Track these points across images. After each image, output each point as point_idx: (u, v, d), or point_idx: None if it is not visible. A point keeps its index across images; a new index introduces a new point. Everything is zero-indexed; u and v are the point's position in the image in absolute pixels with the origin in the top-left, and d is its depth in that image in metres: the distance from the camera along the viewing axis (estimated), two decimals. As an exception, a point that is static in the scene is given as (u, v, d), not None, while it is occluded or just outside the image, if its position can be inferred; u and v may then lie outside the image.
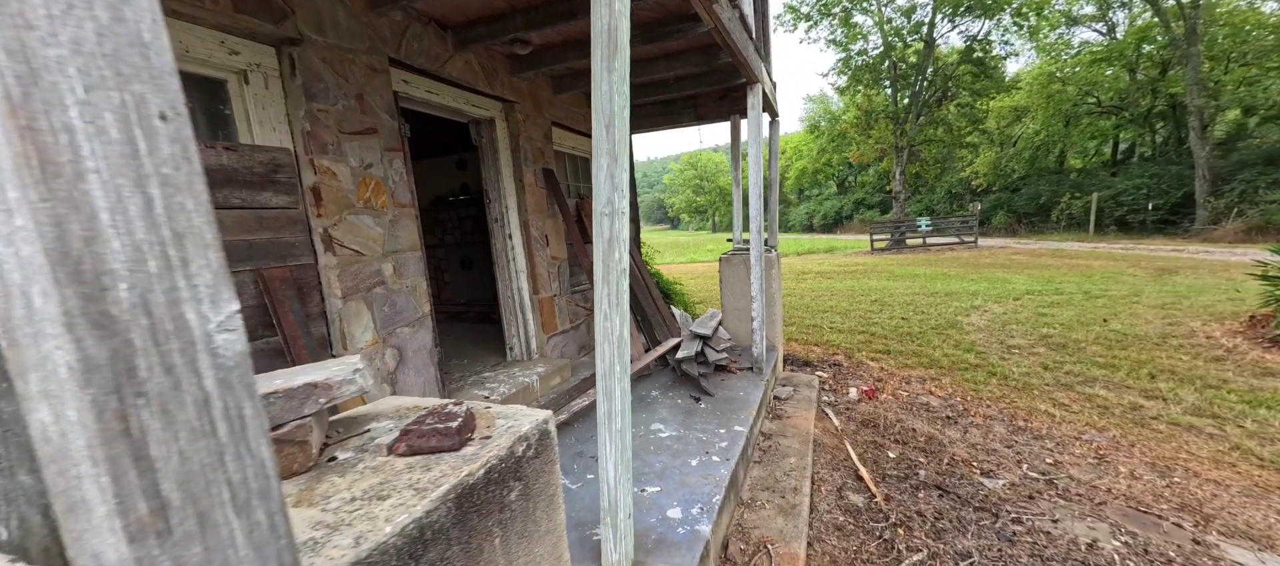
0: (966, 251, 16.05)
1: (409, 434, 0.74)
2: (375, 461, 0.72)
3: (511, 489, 0.75)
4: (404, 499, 0.60)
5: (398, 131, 2.84)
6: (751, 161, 3.68)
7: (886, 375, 4.79)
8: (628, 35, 1.50)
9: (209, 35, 2.05)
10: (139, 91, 0.42)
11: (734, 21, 2.88)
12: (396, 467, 0.70)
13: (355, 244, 2.52)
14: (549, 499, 0.86)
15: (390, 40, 2.80)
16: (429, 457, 0.72)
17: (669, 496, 2.21)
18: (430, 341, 2.93)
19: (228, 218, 2.07)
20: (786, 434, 3.24)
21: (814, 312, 7.78)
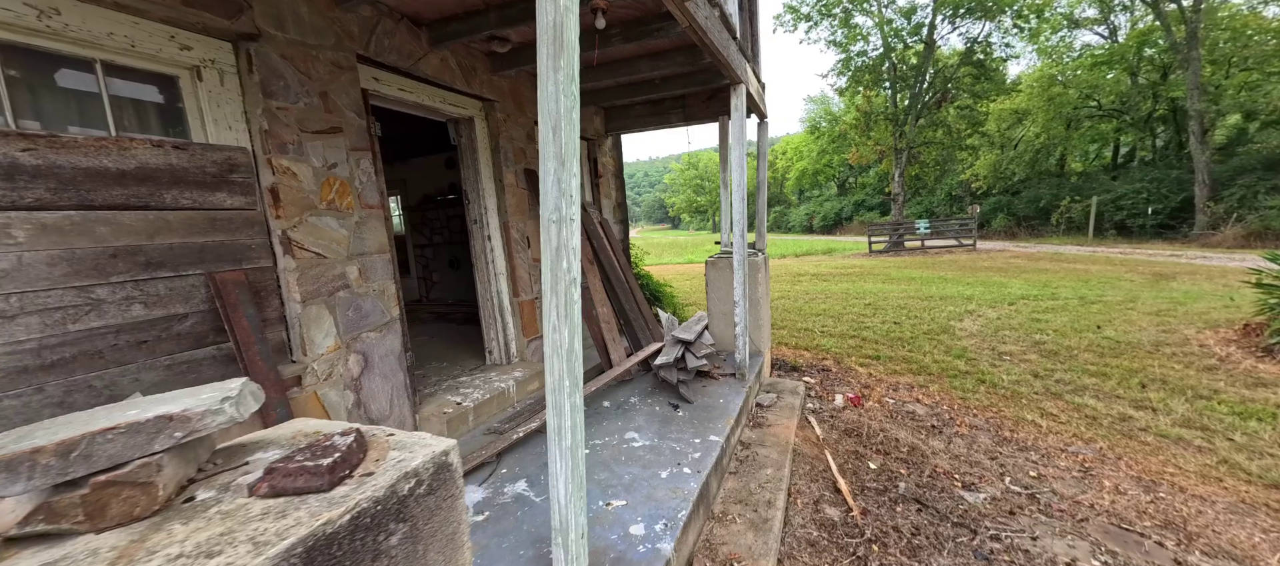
0: (965, 254, 15.96)
1: (274, 471, 0.67)
2: (232, 504, 0.65)
3: (392, 532, 0.68)
4: (235, 556, 0.53)
5: (366, 130, 2.77)
6: (734, 164, 3.61)
7: (874, 381, 4.72)
8: (576, 33, 1.42)
9: (157, 29, 1.98)
10: None
11: (713, 20, 2.81)
12: (251, 512, 0.63)
13: (317, 246, 2.45)
14: (447, 539, 0.79)
15: (358, 37, 2.73)
16: (293, 500, 0.65)
17: (634, 511, 2.14)
18: (399, 346, 2.86)
19: (176, 219, 2.00)
20: (766, 443, 3.17)
21: (806, 316, 7.71)
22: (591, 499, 2.26)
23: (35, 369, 1.65)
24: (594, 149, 5.37)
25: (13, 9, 1.65)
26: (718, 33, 2.91)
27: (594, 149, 5.37)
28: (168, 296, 1.98)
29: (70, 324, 1.73)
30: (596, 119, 5.39)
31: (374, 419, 2.69)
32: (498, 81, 3.83)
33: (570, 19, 1.39)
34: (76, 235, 1.75)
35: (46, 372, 1.67)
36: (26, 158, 1.64)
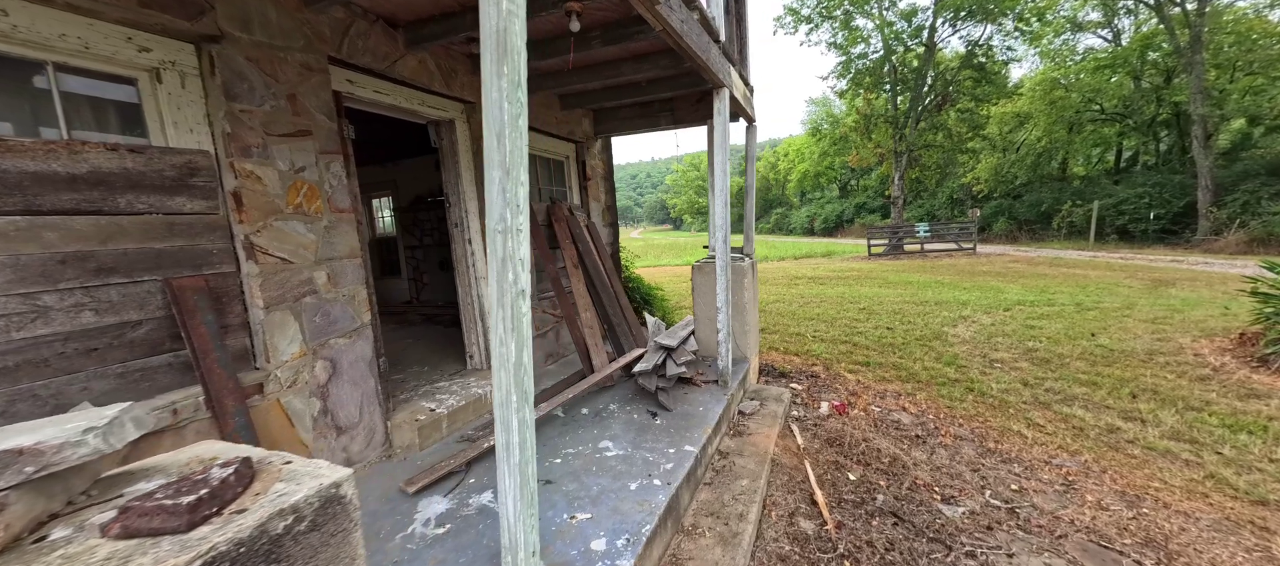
0: (964, 258, 15.87)
1: (129, 510, 0.62)
2: (80, 546, 0.61)
3: None
4: None
5: (338, 133, 2.73)
6: (716, 167, 3.56)
7: (862, 389, 4.66)
8: (522, 38, 1.38)
9: (112, 31, 1.95)
10: None
11: (690, 23, 2.76)
12: (94, 557, 0.59)
13: (282, 251, 2.41)
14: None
15: (330, 38, 2.69)
16: (145, 542, 0.61)
17: (598, 525, 2.09)
18: (370, 352, 2.82)
19: (131, 224, 1.97)
20: (744, 452, 3.12)
21: (799, 320, 7.65)
22: (557, 511, 2.21)
23: (-24, 378, 1.62)
24: (582, 151, 5.33)
25: (-44, 10, 1.62)
26: (696, 36, 2.86)
27: (582, 151, 5.33)
28: (121, 303, 1.94)
29: (14, 331, 1.69)
30: (584, 121, 5.35)
31: (342, 427, 2.65)
32: (480, 83, 3.79)
33: (514, 23, 1.35)
34: (22, 241, 1.71)
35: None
36: (-31, 162, 1.61)
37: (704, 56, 2.97)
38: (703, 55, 2.95)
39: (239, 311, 2.31)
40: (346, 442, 2.67)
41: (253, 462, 0.79)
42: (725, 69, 3.49)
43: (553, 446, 2.85)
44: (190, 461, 0.81)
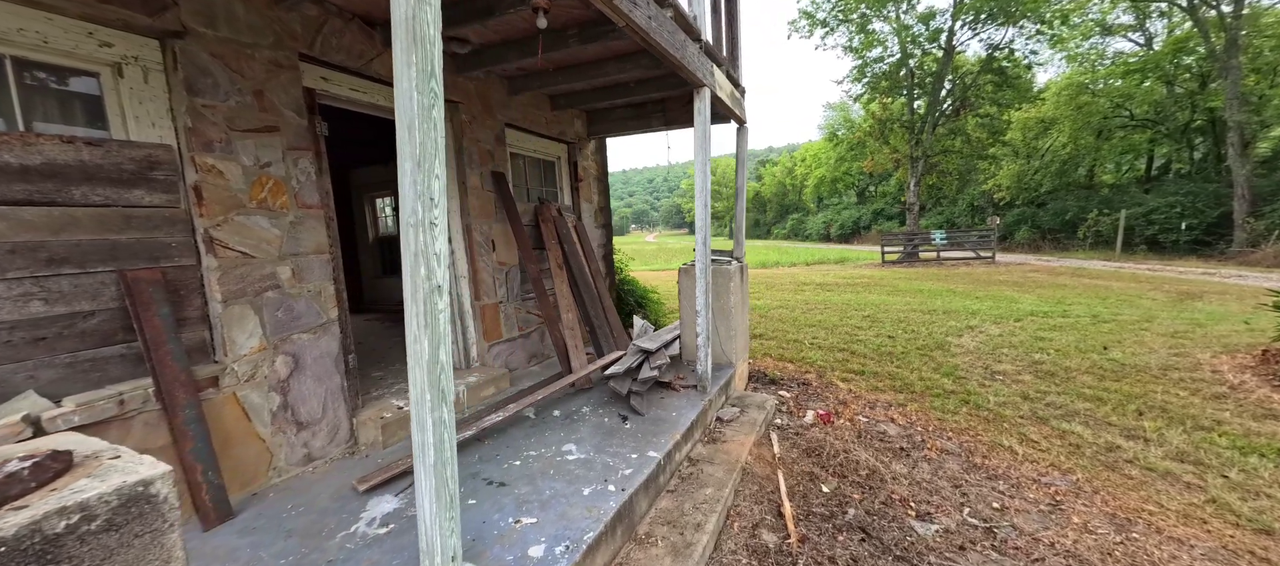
0: (982, 267, 15.41)
1: None
2: None
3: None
4: None
5: (309, 130, 2.75)
6: (697, 169, 3.49)
7: (852, 398, 4.52)
8: (434, 27, 1.34)
9: (72, 26, 1.98)
10: None
11: (660, 21, 2.71)
12: None
13: (244, 245, 2.42)
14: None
15: (302, 36, 2.71)
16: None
17: (541, 531, 2.04)
18: (336, 348, 2.83)
19: (85, 216, 1.99)
20: (715, 460, 3.04)
21: (800, 327, 7.49)
22: (505, 514, 2.17)
23: (-83, 363, 1.65)
24: (574, 152, 5.31)
25: (-90, 4, 1.66)
26: (668, 34, 2.80)
27: (574, 152, 5.31)
28: (72, 293, 1.96)
29: (-40, 318, 1.72)
30: (577, 122, 5.33)
31: (303, 422, 2.65)
32: (463, 83, 3.80)
33: (425, 11, 1.31)
34: (-29, 230, 1.74)
35: (-70, 367, 1.67)
36: (-82, 151, 1.64)
37: (678, 55, 2.91)
38: (677, 54, 2.89)
39: (198, 304, 2.33)
40: (308, 438, 2.67)
41: (72, 456, 0.77)
42: (707, 68, 3.42)
43: (516, 447, 2.81)
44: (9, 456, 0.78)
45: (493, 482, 2.43)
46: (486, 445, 2.86)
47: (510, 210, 4.12)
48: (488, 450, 2.79)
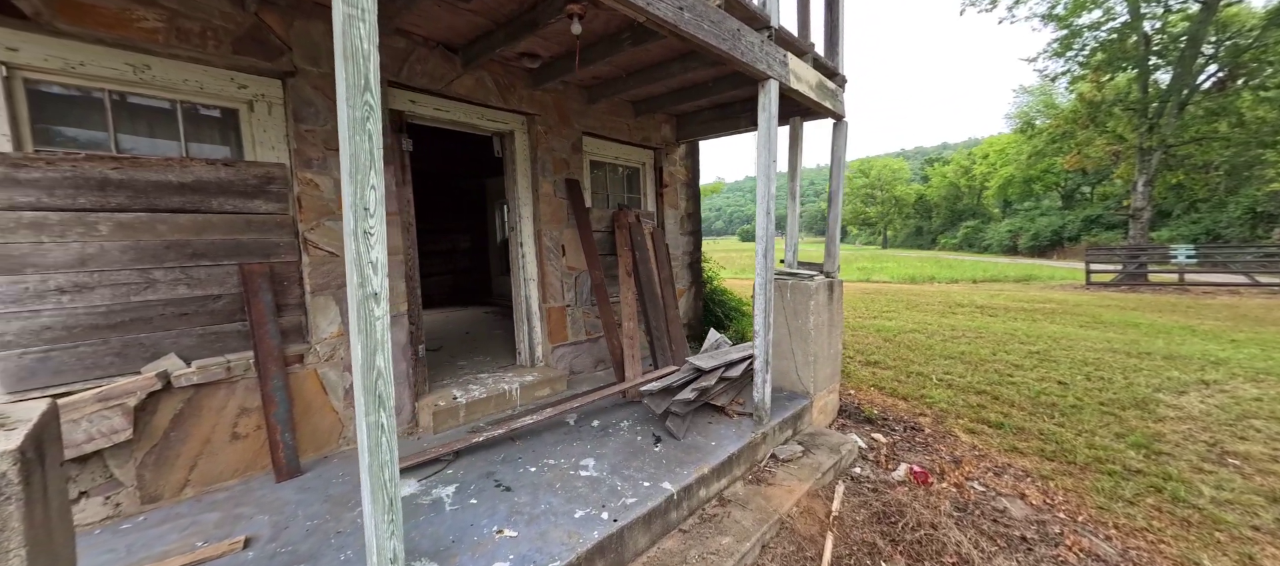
0: (1256, 298, 11.06)
1: None
2: None
3: None
4: None
5: (393, 148, 3.15)
6: (759, 173, 3.10)
7: (972, 457, 3.57)
8: (370, 42, 1.38)
9: (221, 74, 2.57)
10: None
11: (698, 11, 2.46)
12: None
13: (330, 246, 2.87)
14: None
15: (390, 66, 3.12)
16: None
17: (514, 547, 1.99)
18: (404, 338, 3.19)
19: (219, 220, 2.56)
20: (750, 504, 2.65)
21: (933, 357, 6.25)
22: (494, 521, 2.18)
23: (104, 327, 2.29)
24: (660, 158, 5.21)
25: (117, 67, 2.32)
26: (709, 24, 2.54)
27: (660, 158, 5.21)
28: (206, 280, 2.54)
29: (132, 296, 2.35)
30: (664, 127, 5.23)
31: (370, 400, 3.04)
32: (540, 96, 3.99)
33: (357, 27, 1.36)
34: (143, 230, 2.36)
35: (112, 331, 2.30)
36: (114, 173, 2.28)
37: (724, 47, 2.62)
38: (722, 46, 2.60)
39: (296, 294, 2.83)
40: (373, 415, 3.05)
41: (-22, 422, 0.95)
42: (775, 58, 3.03)
43: (539, 453, 2.83)
44: None
45: (500, 486, 2.47)
46: (516, 446, 2.93)
47: (580, 217, 4.20)
48: (515, 451, 2.86)
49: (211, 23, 2.47)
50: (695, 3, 2.45)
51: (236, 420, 2.56)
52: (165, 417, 2.38)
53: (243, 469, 2.59)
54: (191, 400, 2.44)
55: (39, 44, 2.14)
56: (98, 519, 2.21)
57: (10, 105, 2.13)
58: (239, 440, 2.57)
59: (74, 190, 2.20)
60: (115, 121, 2.39)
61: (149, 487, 2.33)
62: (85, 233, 2.23)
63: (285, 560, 1.93)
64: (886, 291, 13.97)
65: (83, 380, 2.23)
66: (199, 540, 2.06)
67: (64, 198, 2.18)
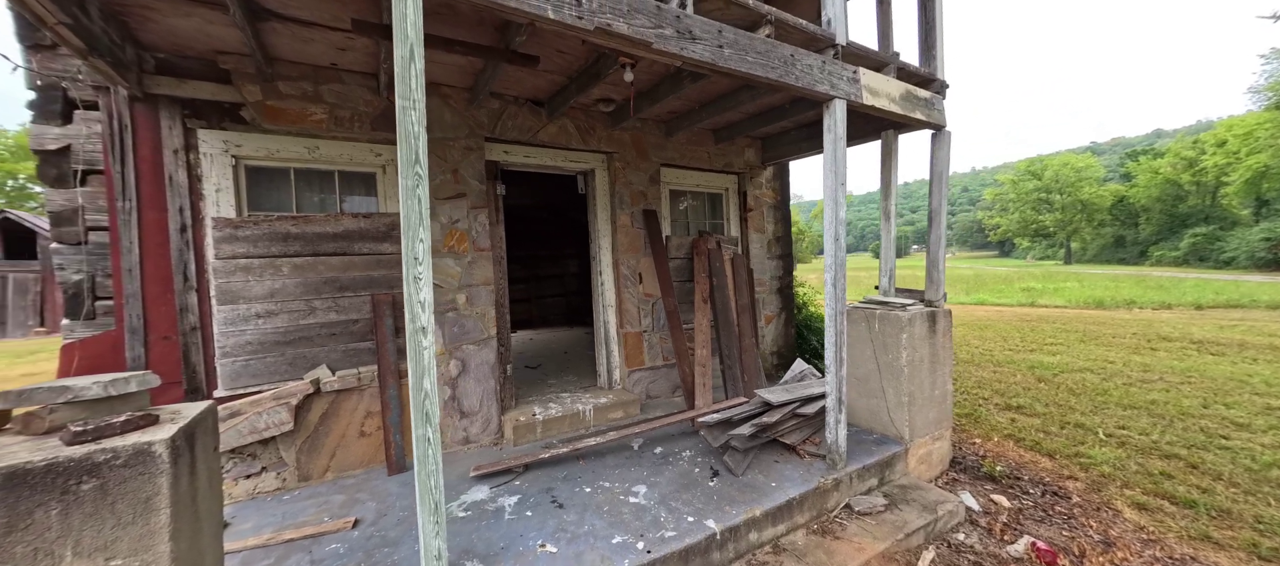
0: None
1: (32, 420, 1.26)
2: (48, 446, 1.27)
3: (75, 487, 1.17)
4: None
5: (488, 193, 3.67)
6: (826, 196, 2.92)
7: (1136, 540, 2.79)
8: (419, 124, 1.70)
9: (364, 147, 3.28)
10: None
11: (737, 47, 2.46)
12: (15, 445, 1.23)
13: (437, 279, 3.43)
14: (142, 502, 1.22)
15: (486, 124, 3.66)
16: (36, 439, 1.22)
17: (551, 563, 2.15)
18: (494, 358, 3.63)
19: (359, 260, 3.25)
20: (808, 557, 2.45)
21: (1103, 405, 5.03)
22: (540, 534, 2.37)
23: (282, 343, 3.04)
24: (744, 182, 5.14)
25: (298, 150, 3.12)
26: (755, 56, 2.52)
27: (744, 182, 5.14)
28: (348, 307, 3.23)
29: (300, 320, 3.09)
30: (748, 151, 5.15)
31: (465, 412, 3.52)
32: (618, 135, 4.28)
33: (410, 114, 1.69)
34: (309, 270, 3.11)
35: (287, 346, 3.05)
36: (293, 228, 3.06)
37: (772, 76, 2.57)
38: (769, 75, 2.55)
39: (411, 319, 3.42)
40: (467, 425, 3.52)
41: (158, 418, 1.39)
42: (837, 77, 2.86)
43: (597, 474, 2.98)
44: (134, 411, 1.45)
45: (556, 502, 2.66)
46: (580, 465, 3.12)
47: (656, 245, 4.34)
48: (577, 470, 3.05)
49: (357, 109, 3.20)
50: (736, 38, 2.46)
51: (363, 421, 3.18)
52: (316, 415, 3.06)
53: (366, 461, 3.19)
54: (334, 402, 3.10)
55: (252, 140, 3.00)
56: (270, 489, 2.93)
57: (236, 183, 3.00)
58: (364, 437, 3.18)
59: (268, 242, 3.01)
60: (296, 188, 3.21)
61: (303, 469, 3.01)
62: (274, 273, 3.02)
63: (377, 543, 2.34)
64: (1057, 318, 11.52)
65: (267, 383, 3.00)
66: (326, 516, 2.60)
67: (262, 247, 2.99)
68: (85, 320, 2.69)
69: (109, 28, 2.34)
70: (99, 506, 1.19)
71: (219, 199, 2.92)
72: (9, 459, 1.13)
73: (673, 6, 2.27)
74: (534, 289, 9.06)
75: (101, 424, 1.26)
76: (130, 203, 2.69)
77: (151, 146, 2.75)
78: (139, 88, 2.65)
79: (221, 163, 2.92)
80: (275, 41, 2.73)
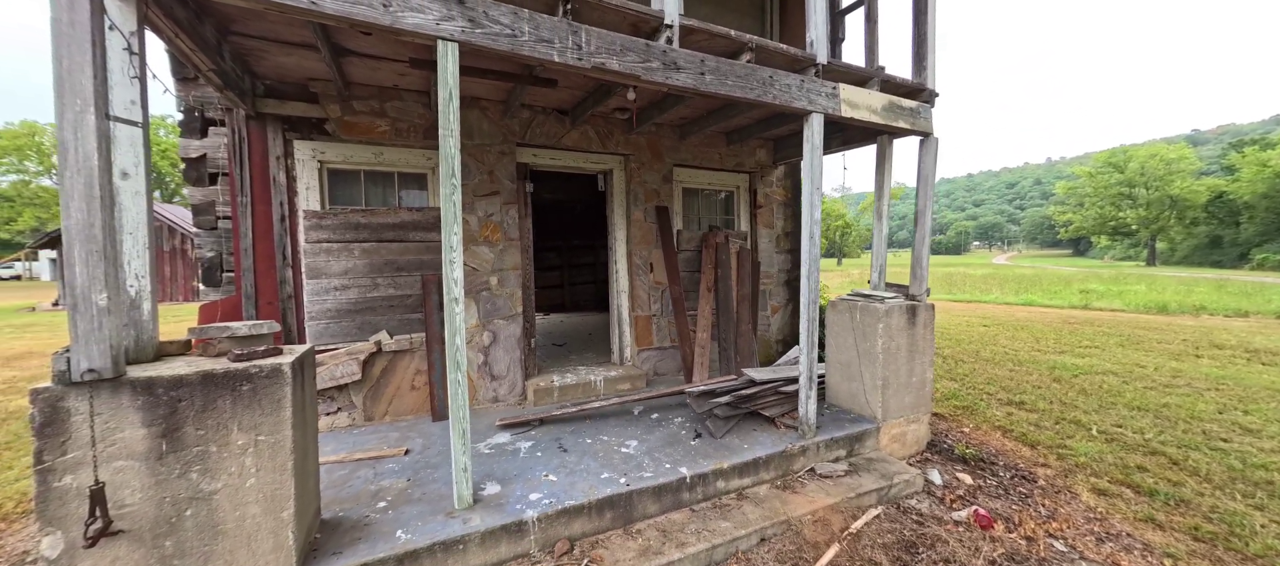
0: None
1: (210, 343, 1.95)
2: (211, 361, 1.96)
3: (240, 387, 1.85)
4: (176, 367, 1.80)
5: (518, 191, 4.29)
6: (805, 198, 3.31)
7: (1080, 517, 3.06)
8: (455, 148, 2.29)
9: (418, 152, 3.98)
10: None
11: (717, 73, 2.90)
12: (193, 360, 1.92)
13: (474, 263, 4.10)
14: (273, 401, 1.89)
15: (517, 131, 4.27)
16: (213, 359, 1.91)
17: (552, 487, 2.74)
18: (520, 332, 4.27)
19: (412, 246, 3.96)
20: (765, 504, 2.92)
21: (1112, 406, 5.09)
22: (545, 469, 2.96)
23: (351, 312, 3.80)
24: (755, 181, 5.51)
25: (366, 156, 3.84)
26: (734, 81, 2.95)
27: (755, 181, 5.51)
28: (404, 285, 3.95)
29: (367, 294, 3.84)
30: (759, 152, 5.51)
31: (495, 376, 4.19)
32: (635, 138, 4.78)
33: (449, 141, 2.28)
34: (373, 254, 3.85)
35: (355, 314, 3.81)
36: (362, 219, 3.81)
37: (751, 96, 2.99)
38: (748, 95, 2.98)
39: (453, 296, 4.12)
40: (496, 387, 4.19)
41: (282, 351, 2.07)
42: (816, 93, 3.23)
43: (599, 430, 3.55)
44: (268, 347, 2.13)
45: (561, 448, 3.26)
46: (586, 423, 3.71)
47: (666, 239, 4.83)
48: (583, 427, 3.64)
49: (412, 121, 3.89)
50: (718, 65, 2.90)
51: (413, 377, 3.91)
52: (378, 369, 3.82)
53: (415, 409, 3.92)
54: (391, 361, 3.85)
55: (333, 148, 3.75)
56: (344, 425, 3.71)
57: (320, 183, 3.76)
58: (414, 390, 3.92)
59: (343, 230, 3.76)
60: (365, 186, 3.95)
61: (367, 411, 3.78)
62: (347, 255, 3.78)
63: (422, 465, 3.03)
64: (1107, 322, 11.02)
65: (341, 342, 3.77)
66: (385, 446, 3.33)
67: (339, 234, 3.75)
68: (217, 287, 3.53)
69: (236, 65, 3.10)
70: (251, 401, 1.87)
71: (308, 195, 3.69)
72: (203, 366, 1.83)
73: (660, 44, 2.75)
74: (567, 276, 9.77)
75: (252, 350, 1.94)
76: (246, 198, 3.50)
77: (261, 154, 3.54)
78: (253, 108, 3.43)
79: (310, 166, 3.69)
80: (352, 70, 3.43)
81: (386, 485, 2.78)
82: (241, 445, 1.84)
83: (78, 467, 1.61)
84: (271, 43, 2.93)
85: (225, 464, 1.82)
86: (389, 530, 2.30)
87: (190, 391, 1.76)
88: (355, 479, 2.87)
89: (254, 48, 3.02)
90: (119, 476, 1.67)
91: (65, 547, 1.61)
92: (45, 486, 1.59)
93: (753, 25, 5.39)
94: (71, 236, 1.63)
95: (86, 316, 1.62)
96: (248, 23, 2.68)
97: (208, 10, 2.49)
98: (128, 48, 1.80)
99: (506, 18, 2.36)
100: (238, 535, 1.85)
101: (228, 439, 1.82)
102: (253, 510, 1.87)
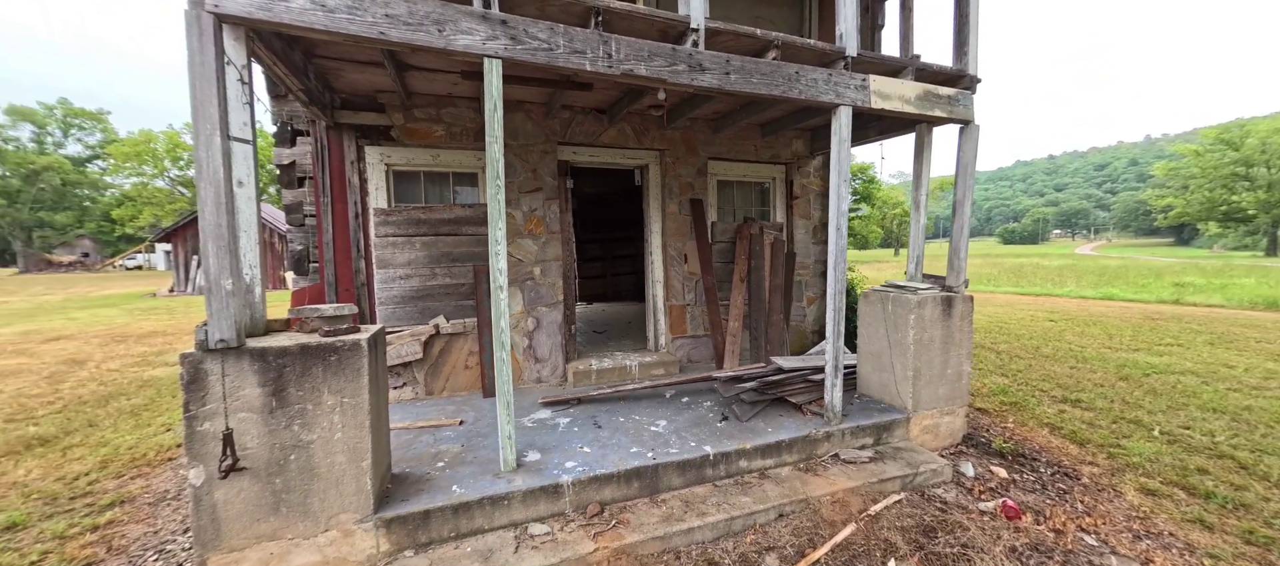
0: None
1: (305, 321, 2.34)
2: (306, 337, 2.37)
3: (329, 357, 2.24)
4: (281, 340, 2.21)
5: (559, 186, 4.60)
6: (832, 190, 3.38)
7: (1121, 516, 2.98)
8: (499, 156, 2.59)
9: (470, 153, 4.37)
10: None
11: (742, 72, 3.02)
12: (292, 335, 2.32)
13: (519, 255, 4.46)
14: (353, 370, 2.27)
15: (558, 131, 4.56)
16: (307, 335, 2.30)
17: (585, 457, 3.03)
18: (561, 319, 4.60)
19: (465, 239, 4.37)
20: (785, 484, 3.07)
21: (1182, 407, 4.75)
22: (581, 441, 3.26)
23: (413, 298, 4.27)
24: (791, 172, 5.53)
25: (425, 158, 4.27)
26: (761, 76, 3.06)
27: (791, 172, 5.53)
28: (458, 273, 4.37)
29: (427, 282, 4.29)
30: (796, 142, 5.51)
31: (539, 359, 4.54)
32: (670, 134, 4.96)
33: (495, 147, 2.58)
34: (432, 246, 4.29)
35: (417, 300, 4.27)
36: (422, 215, 4.25)
37: (775, 92, 3.09)
38: (773, 92, 3.09)
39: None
40: (539, 369, 4.55)
41: (360, 329, 2.45)
42: (843, 86, 3.27)
43: (631, 410, 3.81)
44: (349, 325, 2.53)
45: (596, 424, 3.55)
46: (620, 404, 3.98)
47: (699, 231, 4.99)
48: (617, 407, 3.92)
49: (465, 125, 4.27)
50: (743, 64, 3.03)
51: (466, 358, 4.33)
52: (436, 350, 4.27)
53: (468, 387, 4.35)
54: (448, 343, 4.29)
55: (397, 152, 4.20)
56: (409, 398, 4.19)
57: (387, 183, 4.23)
58: (468, 370, 4.34)
59: (407, 225, 4.22)
60: (424, 186, 4.39)
61: (428, 386, 4.25)
62: (410, 247, 4.24)
63: (474, 434, 3.41)
64: (1199, 318, 10.00)
65: (406, 325, 4.24)
66: (443, 417, 3.76)
67: (403, 229, 4.21)
68: (305, 275, 4.09)
69: (318, 83, 3.57)
70: (337, 369, 2.26)
71: (377, 194, 4.16)
72: (301, 340, 2.23)
73: (686, 47, 2.92)
74: (609, 267, 10.10)
75: (337, 327, 2.34)
76: (327, 198, 4.01)
77: (339, 159, 4.04)
78: (331, 119, 3.92)
79: (378, 169, 4.16)
80: (413, 82, 3.83)
81: (444, 449, 3.18)
82: (330, 404, 2.24)
83: (213, 416, 2.05)
84: (346, 63, 3.36)
85: (319, 419, 2.23)
86: (446, 485, 2.67)
87: (292, 359, 2.17)
88: (418, 443, 3.29)
89: (333, 67, 3.47)
90: (242, 425, 2.11)
91: (206, 478, 2.06)
92: (191, 430, 2.04)
93: (792, 17, 5.38)
94: (206, 234, 2.06)
95: (218, 297, 2.05)
96: (328, 47, 3.11)
97: (296, 41, 2.92)
98: (240, 78, 2.21)
99: (543, 33, 2.62)
100: (329, 478, 2.26)
101: (320, 399, 2.22)
102: (339, 458, 2.27)
